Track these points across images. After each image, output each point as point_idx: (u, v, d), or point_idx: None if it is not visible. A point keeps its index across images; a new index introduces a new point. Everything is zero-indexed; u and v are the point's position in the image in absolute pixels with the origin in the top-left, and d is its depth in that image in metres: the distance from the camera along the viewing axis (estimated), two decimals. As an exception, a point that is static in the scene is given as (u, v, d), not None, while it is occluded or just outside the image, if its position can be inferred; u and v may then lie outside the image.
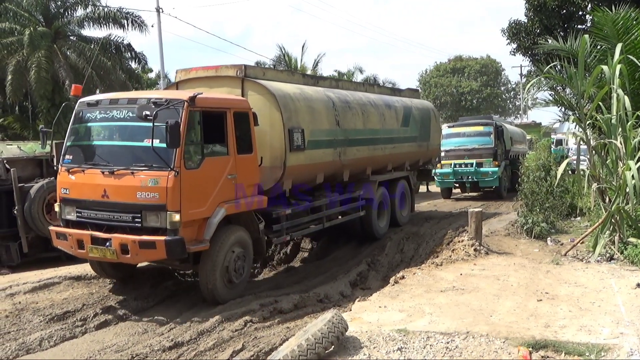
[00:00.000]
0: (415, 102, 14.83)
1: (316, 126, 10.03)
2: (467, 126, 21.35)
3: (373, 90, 13.85)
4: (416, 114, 14.35)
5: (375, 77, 46.92)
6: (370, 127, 11.99)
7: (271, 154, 9.07)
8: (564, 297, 6.75)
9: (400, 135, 13.41)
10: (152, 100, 7.56)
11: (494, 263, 8.99)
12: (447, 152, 20.49)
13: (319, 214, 10.39)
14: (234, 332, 6.91)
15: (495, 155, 20.07)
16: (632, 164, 8.71)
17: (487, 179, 20.05)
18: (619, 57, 9.70)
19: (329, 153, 10.45)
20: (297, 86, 10.26)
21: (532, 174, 13.44)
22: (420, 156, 14.81)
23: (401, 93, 15.08)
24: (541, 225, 11.73)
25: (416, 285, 7.66)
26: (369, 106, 12.17)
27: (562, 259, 9.34)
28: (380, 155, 12.40)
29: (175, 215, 7.20)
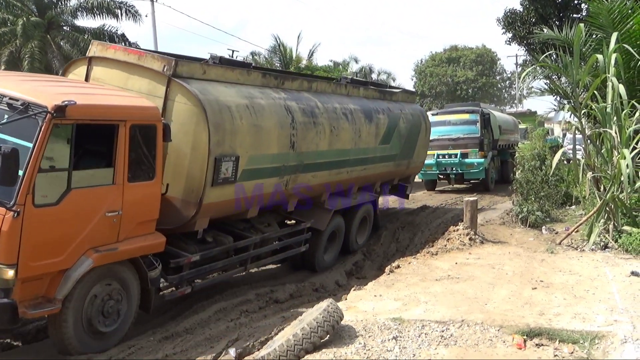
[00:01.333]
0: (406, 110, 12.53)
1: (259, 151, 7.79)
2: (452, 114, 19.91)
3: (357, 92, 11.18)
4: (403, 128, 12.05)
5: (370, 67, 46.90)
6: (337, 148, 9.65)
7: (186, 185, 6.92)
8: (559, 285, 6.77)
9: (377, 155, 11.14)
10: (5, 99, 5.49)
11: (489, 252, 9.01)
12: (431, 142, 18.65)
13: (242, 255, 8.06)
14: (229, 322, 6.92)
15: (481, 145, 18.76)
16: (626, 152, 8.72)
17: (472, 171, 18.79)
18: (614, 46, 9.69)
19: (272, 183, 8.22)
20: (247, 93, 7.87)
21: (528, 163, 13.47)
22: (396, 175, 12.74)
23: (393, 96, 12.65)
24: (536, 214, 11.76)
25: (411, 274, 7.67)
26: (342, 120, 9.78)
27: (556, 247, 9.36)
28: (344, 179, 10.16)
29: (7, 270, 5.16)
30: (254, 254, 8.26)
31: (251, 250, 8.16)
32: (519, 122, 29.71)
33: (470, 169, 18.70)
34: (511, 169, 22.31)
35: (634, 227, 9.00)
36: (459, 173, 18.92)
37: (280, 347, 4.85)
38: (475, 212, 10.22)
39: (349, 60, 45.21)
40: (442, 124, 19.36)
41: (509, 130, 22.56)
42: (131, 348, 6.14)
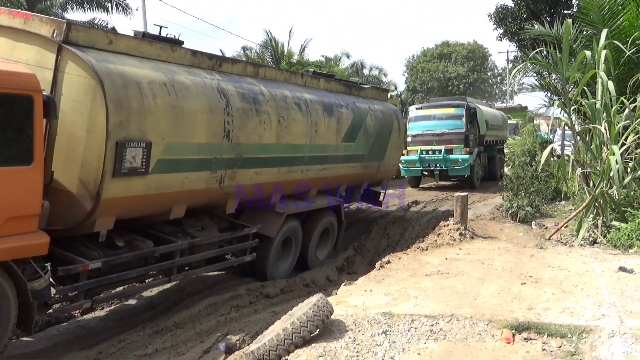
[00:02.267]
0: (375, 108, 11.34)
1: (181, 138, 6.57)
2: (436, 108, 19.19)
3: (317, 84, 10.02)
4: (371, 126, 10.86)
5: (362, 63, 46.95)
6: (288, 142, 8.50)
7: (82, 176, 5.73)
8: (548, 280, 6.82)
9: (339, 154, 9.93)
10: None
11: (479, 247, 9.05)
12: (415, 137, 18.69)
13: (165, 264, 6.86)
14: (220, 317, 6.93)
15: (466, 141, 18.05)
16: (615, 148, 8.78)
17: (456, 168, 18.01)
18: (604, 42, 9.75)
19: (201, 178, 7.00)
20: (167, 70, 6.65)
21: (518, 159, 13.54)
22: (365, 179, 11.37)
23: (361, 92, 11.53)
24: (526, 209, 11.83)
25: (401, 269, 7.70)
26: (294, 111, 8.60)
27: (546, 242, 9.42)
28: (298, 179, 8.96)
29: None
30: (180, 262, 7.03)
31: (177, 257, 6.91)
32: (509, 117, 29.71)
33: (454, 166, 18.00)
34: (499, 165, 22.12)
35: (623, 223, 9.08)
36: (443, 170, 18.26)
37: (270, 341, 4.86)
38: (466, 207, 10.26)
39: (340, 56, 45.25)
40: (426, 118, 18.82)
41: (497, 125, 21.92)
42: (121, 343, 6.14)
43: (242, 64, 8.49)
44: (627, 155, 9.65)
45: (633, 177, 9.26)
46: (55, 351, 6.12)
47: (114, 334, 6.48)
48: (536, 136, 16.11)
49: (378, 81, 49.11)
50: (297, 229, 9.16)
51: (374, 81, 47.92)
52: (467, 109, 18.25)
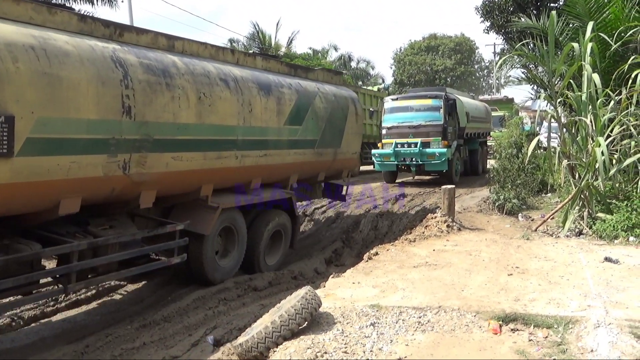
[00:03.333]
0: (326, 90, 10.30)
1: (61, 112, 5.44)
2: (413, 99, 18.06)
3: (253, 63, 8.98)
4: (321, 108, 9.86)
5: (349, 55, 46.93)
6: (213, 122, 7.37)
7: None
8: (534, 271, 6.86)
9: (283, 138, 8.91)
10: None
11: (466, 239, 9.09)
12: (390, 130, 17.74)
13: (58, 269, 5.92)
14: (208, 310, 6.91)
15: (444, 134, 17.10)
16: (601, 140, 8.84)
17: (433, 162, 16.95)
18: (590, 35, 9.79)
19: (97, 163, 5.84)
20: (39, 33, 5.49)
21: (504, 151, 13.59)
22: (320, 168, 10.29)
23: (309, 74, 10.49)
24: (513, 201, 11.89)
25: (389, 261, 7.71)
26: (219, 87, 7.49)
27: (532, 234, 9.48)
28: (232, 166, 7.81)
29: None
30: (80, 267, 5.87)
31: (74, 261, 5.75)
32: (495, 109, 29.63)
33: (431, 160, 16.96)
34: (481, 159, 21.55)
35: (608, 214, 9.15)
36: (420, 164, 17.19)
37: (258, 334, 4.86)
38: (453, 199, 10.30)
39: (328, 48, 45.28)
40: (402, 109, 17.80)
41: (478, 117, 20.96)
42: (108, 337, 6.11)
43: (152, 35, 7.14)
44: (613, 147, 9.72)
45: (618, 169, 9.33)
46: (43, 345, 6.08)
47: (101, 328, 6.45)
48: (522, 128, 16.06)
49: (366, 74, 49.15)
50: (239, 223, 8.26)
51: (361, 74, 47.99)
52: (445, 100, 17.38)
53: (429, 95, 17.94)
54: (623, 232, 8.66)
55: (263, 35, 38.21)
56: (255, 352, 4.82)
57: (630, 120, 9.55)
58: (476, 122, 20.25)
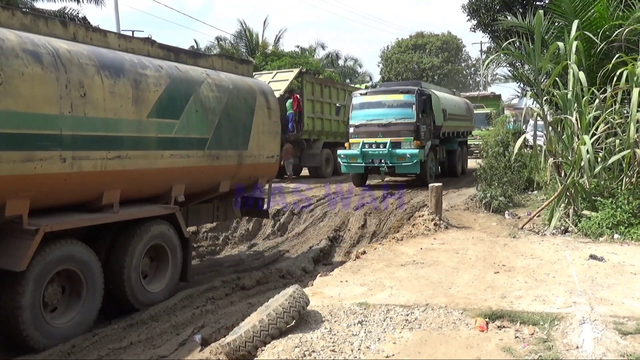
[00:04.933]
0: (222, 78, 8.29)
1: None
2: (383, 94, 16.43)
3: (100, 39, 6.95)
4: (211, 98, 7.78)
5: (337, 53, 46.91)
6: (15, 110, 5.42)
7: None
8: (520, 269, 6.92)
9: (149, 135, 6.89)
10: None
11: (453, 237, 9.14)
12: (357, 128, 16.13)
13: None
14: (195, 309, 6.90)
15: (417, 133, 15.50)
16: (586, 138, 8.91)
17: (404, 164, 15.39)
18: (575, 33, 9.86)
19: None
20: None
21: (491, 149, 13.67)
22: (220, 176, 8.15)
23: (199, 60, 8.34)
24: (499, 199, 11.96)
25: (377, 259, 7.74)
26: (22, 61, 5.56)
27: (519, 232, 9.55)
28: (58, 173, 5.86)
29: None
30: None
31: None
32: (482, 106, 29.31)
33: (401, 162, 15.40)
34: (461, 160, 20.24)
35: (593, 212, 9.24)
36: (389, 166, 15.66)
37: (246, 332, 4.86)
38: (441, 197, 10.35)
39: (315, 46, 45.18)
40: (371, 105, 16.21)
41: (458, 115, 19.55)
42: (95, 336, 6.09)
43: None
44: (598, 145, 9.81)
45: (603, 167, 9.42)
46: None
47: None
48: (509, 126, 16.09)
49: (353, 72, 49.16)
50: (83, 255, 6.13)
51: (349, 72, 48.03)
52: (418, 95, 15.73)
53: (400, 90, 16.31)
54: (608, 230, 8.75)
55: (250, 33, 38.11)
56: (243, 351, 4.82)
57: (615, 119, 9.65)
58: (455, 120, 18.94)
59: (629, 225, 8.74)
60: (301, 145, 20.00)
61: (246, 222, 11.92)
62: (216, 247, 10.71)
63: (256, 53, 36.42)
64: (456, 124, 19.15)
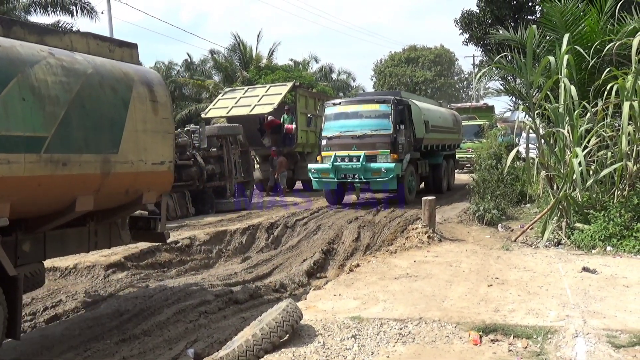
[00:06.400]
0: (74, 59, 6.13)
1: None
2: (358, 104, 15.69)
3: None
4: (52, 85, 5.65)
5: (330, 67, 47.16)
6: None
7: None
8: (514, 281, 6.92)
9: None
10: None
11: (446, 250, 9.15)
12: (330, 140, 15.27)
13: None
14: (188, 324, 6.86)
15: (394, 146, 14.58)
16: (578, 151, 8.96)
17: (379, 180, 14.44)
18: (566, 47, 9.95)
19: None
20: None
21: (484, 162, 13.71)
22: (75, 190, 5.87)
23: (47, 37, 6.18)
24: (492, 212, 11.98)
25: (371, 272, 7.73)
26: None
27: (512, 244, 9.56)
28: None
29: None
30: None
31: None
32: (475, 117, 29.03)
33: (376, 177, 14.41)
34: (446, 175, 19.09)
35: (586, 224, 9.27)
36: (363, 181, 14.74)
37: (239, 347, 4.84)
38: (434, 210, 10.36)
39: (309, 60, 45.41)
40: (345, 116, 15.41)
41: (442, 127, 18.57)
42: (87, 352, 6.05)
43: None
44: (590, 158, 9.85)
45: (595, 180, 9.46)
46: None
47: (80, 343, 6.37)
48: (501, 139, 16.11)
49: (347, 85, 49.37)
50: None
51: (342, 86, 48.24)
52: (395, 105, 14.88)
53: (376, 99, 15.52)
54: (600, 242, 8.77)
55: (244, 46, 38.28)
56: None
57: (607, 132, 9.71)
58: (439, 132, 18.11)
59: (622, 237, 8.77)
60: (295, 159, 20.05)
61: (240, 235, 11.92)
62: (210, 261, 10.68)
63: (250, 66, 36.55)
64: (441, 137, 18.39)
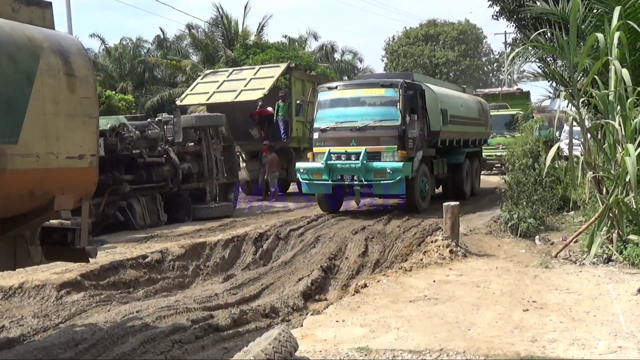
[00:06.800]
0: None
1: None
2: (359, 88, 15.23)
3: None
4: None
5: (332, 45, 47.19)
6: None
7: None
8: (554, 306, 6.89)
9: None
10: None
11: (473, 267, 9.13)
12: (324, 133, 14.78)
13: None
14: (159, 355, 6.82)
15: (402, 140, 14.06)
16: (631, 148, 8.89)
17: (383, 181, 13.92)
18: (617, 22, 9.91)
19: None
20: None
21: (518, 161, 13.66)
22: None
23: None
24: (528, 221, 11.95)
25: (381, 294, 7.70)
26: None
27: (552, 260, 9.53)
28: None
29: None
30: None
31: None
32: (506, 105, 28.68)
33: (380, 179, 13.94)
34: (470, 177, 18.79)
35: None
36: (364, 184, 14.25)
37: (220, 385, 4.80)
38: (457, 219, 10.34)
39: (306, 37, 45.51)
40: (342, 103, 14.98)
41: (465, 118, 18.17)
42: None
43: None
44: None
45: (653, 182, 9.43)
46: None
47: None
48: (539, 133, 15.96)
49: (352, 67, 49.45)
50: None
51: (347, 68, 48.30)
52: (404, 89, 14.30)
53: (381, 83, 14.94)
54: (660, 258, 8.75)
55: (228, 20, 38.34)
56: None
57: (667, 124, 9.67)
58: (461, 124, 17.73)
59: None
60: (289, 156, 20.03)
61: (222, 248, 11.87)
62: (185, 279, 10.64)
63: (235, 44, 36.59)
64: (463, 130, 17.99)
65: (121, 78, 40.64)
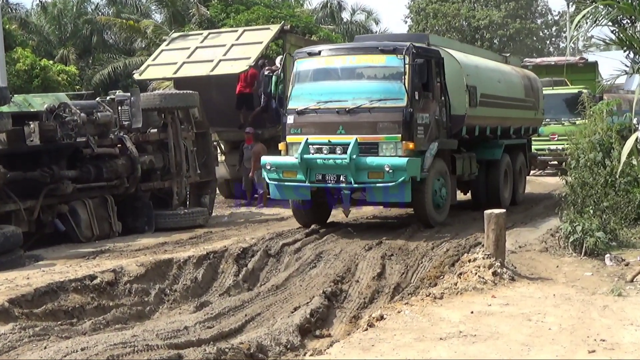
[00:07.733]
0: None
1: None
2: (350, 54, 14.46)
3: None
4: None
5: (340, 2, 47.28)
6: None
7: None
8: (629, 346, 6.92)
9: None
10: None
11: (522, 294, 9.14)
12: (301, 116, 14.14)
13: None
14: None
15: (408, 127, 13.30)
16: None
17: (380, 184, 13.19)
18: None
19: None
20: None
21: (583, 157, 13.63)
22: None
23: None
24: (596, 235, 11.93)
25: (402, 329, 7.74)
26: None
27: (627, 287, 9.55)
28: None
29: None
30: None
31: None
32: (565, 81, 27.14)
33: (376, 180, 13.23)
34: (511, 179, 18.06)
35: None
36: (355, 187, 13.42)
37: None
38: (503, 232, 10.35)
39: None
40: (326, 75, 14.41)
41: (506, 98, 17.49)
42: None
43: None
44: None
45: None
46: None
47: None
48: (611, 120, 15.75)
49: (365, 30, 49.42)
50: None
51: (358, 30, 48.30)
52: (412, 57, 13.40)
53: (381, 47, 14.13)
54: None
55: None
56: None
57: None
58: (498, 106, 17.02)
59: None
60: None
61: (194, 267, 11.87)
62: (146, 307, 10.66)
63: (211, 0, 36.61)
64: (501, 114, 17.36)
65: (61, 43, 40.62)
